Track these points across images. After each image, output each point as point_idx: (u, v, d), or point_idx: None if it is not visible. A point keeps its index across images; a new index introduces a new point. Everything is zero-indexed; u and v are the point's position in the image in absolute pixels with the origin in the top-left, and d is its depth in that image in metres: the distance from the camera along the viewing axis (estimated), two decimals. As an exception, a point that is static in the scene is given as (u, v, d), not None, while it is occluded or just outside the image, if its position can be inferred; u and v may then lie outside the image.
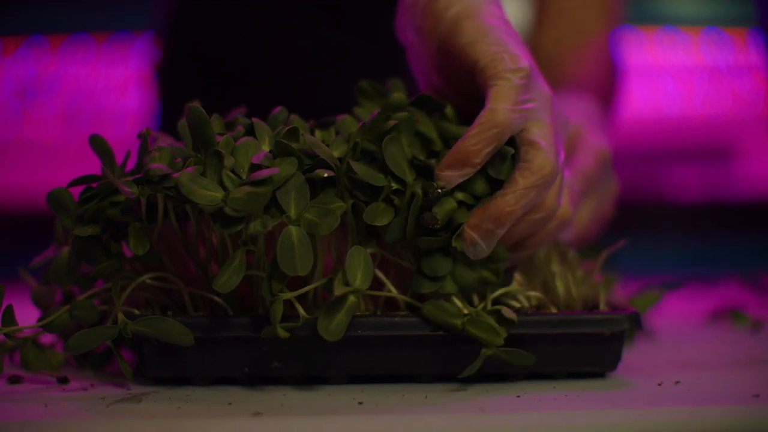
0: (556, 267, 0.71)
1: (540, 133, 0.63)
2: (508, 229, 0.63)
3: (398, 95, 0.66)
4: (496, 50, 0.65)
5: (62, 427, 0.55)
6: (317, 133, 0.68)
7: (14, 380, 0.66)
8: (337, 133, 0.68)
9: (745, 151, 2.94)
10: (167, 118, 1.28)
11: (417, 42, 0.71)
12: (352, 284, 0.61)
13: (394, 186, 0.63)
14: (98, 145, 0.65)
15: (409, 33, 0.72)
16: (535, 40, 1.16)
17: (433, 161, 0.64)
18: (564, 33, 1.14)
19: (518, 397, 0.62)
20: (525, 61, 0.64)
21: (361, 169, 0.62)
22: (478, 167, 0.63)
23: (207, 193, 0.59)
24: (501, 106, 0.62)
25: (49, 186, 0.66)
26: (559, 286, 0.70)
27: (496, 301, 0.66)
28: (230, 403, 0.60)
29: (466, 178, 0.63)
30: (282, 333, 0.60)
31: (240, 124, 0.67)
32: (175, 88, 1.30)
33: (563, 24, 1.15)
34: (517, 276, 0.69)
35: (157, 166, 0.61)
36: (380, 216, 0.62)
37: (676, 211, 2.93)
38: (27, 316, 0.69)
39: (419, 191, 0.62)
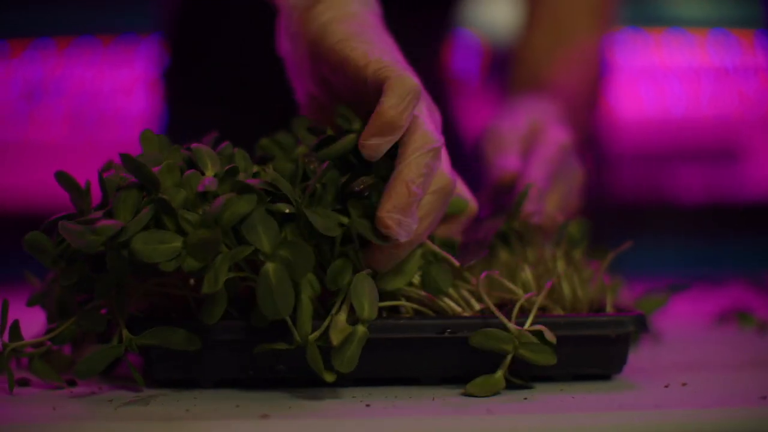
0: (562, 268, 0.71)
1: (418, 107, 0.64)
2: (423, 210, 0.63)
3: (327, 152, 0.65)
4: (365, 48, 0.66)
5: (70, 429, 0.55)
6: (257, 169, 0.67)
7: (22, 383, 0.67)
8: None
9: (752, 152, 2.94)
10: (174, 121, 1.29)
11: (292, 49, 0.72)
12: (359, 315, 0.61)
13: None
14: (65, 181, 0.63)
15: (285, 42, 0.73)
16: (524, 43, 1.18)
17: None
18: (550, 37, 1.16)
19: (525, 399, 0.62)
20: (392, 56, 0.66)
21: (316, 220, 0.61)
22: (402, 130, 0.62)
23: (165, 247, 0.58)
24: (405, 74, 0.63)
25: (55, 187, 0.65)
26: (565, 288, 0.70)
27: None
28: (238, 406, 0.60)
29: (390, 145, 0.63)
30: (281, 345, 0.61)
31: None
32: (180, 90, 1.30)
33: (551, 29, 1.17)
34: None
35: (108, 223, 0.58)
36: (341, 276, 0.62)
37: (682, 211, 2.93)
38: (33, 319, 0.69)
39: (360, 226, 0.62)
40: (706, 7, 2.92)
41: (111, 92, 2.81)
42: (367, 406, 0.60)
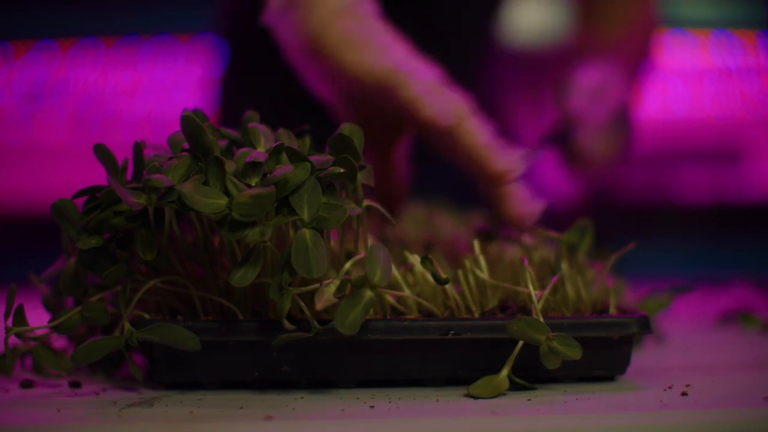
0: (565, 269, 0.71)
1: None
2: None
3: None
4: (367, 59, 0.70)
5: (75, 431, 0.56)
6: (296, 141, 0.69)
7: (26, 384, 0.67)
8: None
9: (755, 153, 2.93)
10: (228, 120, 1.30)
11: (288, 31, 0.74)
12: (371, 279, 0.61)
13: None
14: (103, 154, 0.65)
15: (276, 17, 0.74)
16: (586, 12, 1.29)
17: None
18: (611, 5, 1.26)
19: (529, 400, 0.62)
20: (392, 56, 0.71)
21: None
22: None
23: (211, 202, 0.60)
24: (424, 105, 0.70)
25: (59, 190, 0.66)
26: (569, 289, 0.70)
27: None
28: (242, 407, 0.60)
29: None
30: (288, 325, 0.61)
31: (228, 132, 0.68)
32: (237, 90, 1.31)
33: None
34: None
35: (158, 176, 0.61)
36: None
37: (685, 212, 2.92)
38: (38, 320, 0.69)
39: None
40: (709, 8, 2.91)
41: (114, 94, 2.81)
42: (371, 407, 0.60)
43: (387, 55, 0.70)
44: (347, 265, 0.62)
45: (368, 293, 0.61)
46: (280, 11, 0.73)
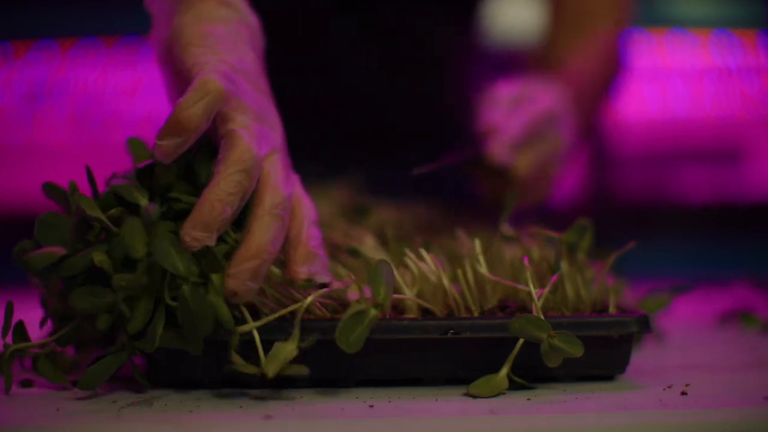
0: (565, 268, 0.71)
1: (242, 121, 0.63)
2: (261, 232, 0.62)
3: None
4: (202, 51, 0.66)
5: (74, 430, 0.56)
6: None
7: (25, 384, 0.67)
8: None
9: (755, 153, 2.93)
10: None
11: (157, 55, 0.71)
12: (375, 298, 0.61)
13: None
14: (135, 147, 0.67)
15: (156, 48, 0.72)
16: (546, 33, 1.23)
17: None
18: (572, 28, 1.20)
19: (528, 400, 0.62)
20: (230, 61, 0.66)
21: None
22: (197, 132, 0.62)
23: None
24: (211, 76, 0.62)
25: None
26: (569, 288, 0.70)
27: None
28: (241, 407, 0.60)
29: (185, 147, 0.62)
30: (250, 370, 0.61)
31: None
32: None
33: (574, 20, 1.21)
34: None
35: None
36: None
37: (685, 212, 2.92)
38: (37, 319, 0.69)
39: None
40: (709, 8, 2.91)
41: (114, 94, 2.81)
42: (371, 407, 0.60)
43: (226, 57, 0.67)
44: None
45: (372, 311, 0.61)
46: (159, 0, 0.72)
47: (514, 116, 0.95)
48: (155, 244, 0.60)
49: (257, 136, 0.64)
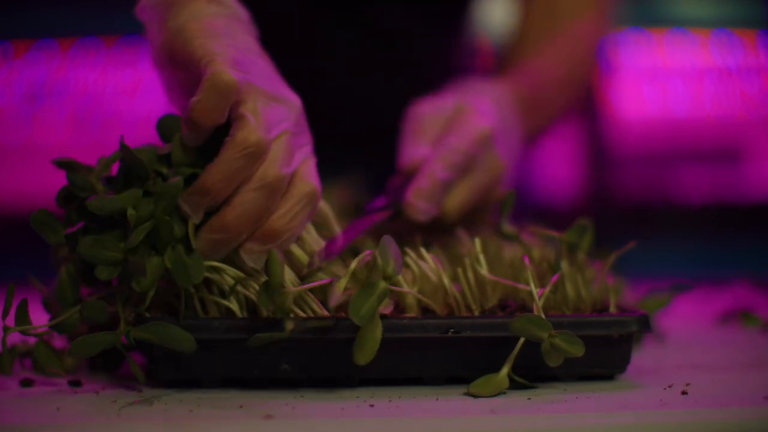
0: (565, 268, 0.71)
1: (252, 107, 0.65)
2: (238, 208, 0.64)
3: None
4: (210, 42, 0.66)
5: (75, 429, 0.56)
6: None
7: (26, 383, 0.67)
8: None
9: (755, 153, 2.94)
10: None
11: (155, 56, 0.72)
12: (384, 271, 0.62)
13: None
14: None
15: (152, 52, 0.73)
16: (517, 29, 1.17)
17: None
18: (543, 23, 1.15)
19: (529, 399, 0.62)
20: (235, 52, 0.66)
21: None
22: (214, 124, 0.64)
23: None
24: (224, 69, 0.64)
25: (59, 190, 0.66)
26: (569, 288, 0.70)
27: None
28: (241, 406, 0.60)
29: (206, 137, 0.64)
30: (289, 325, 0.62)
31: None
32: None
33: (545, 14, 1.15)
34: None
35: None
36: None
37: (685, 212, 2.92)
38: (38, 321, 0.69)
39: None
40: (709, 8, 2.91)
41: (114, 94, 2.81)
42: (371, 406, 0.60)
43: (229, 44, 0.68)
44: (354, 263, 0.63)
45: (382, 284, 0.62)
46: (150, 7, 0.72)
47: (438, 151, 0.82)
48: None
49: (266, 120, 0.65)
